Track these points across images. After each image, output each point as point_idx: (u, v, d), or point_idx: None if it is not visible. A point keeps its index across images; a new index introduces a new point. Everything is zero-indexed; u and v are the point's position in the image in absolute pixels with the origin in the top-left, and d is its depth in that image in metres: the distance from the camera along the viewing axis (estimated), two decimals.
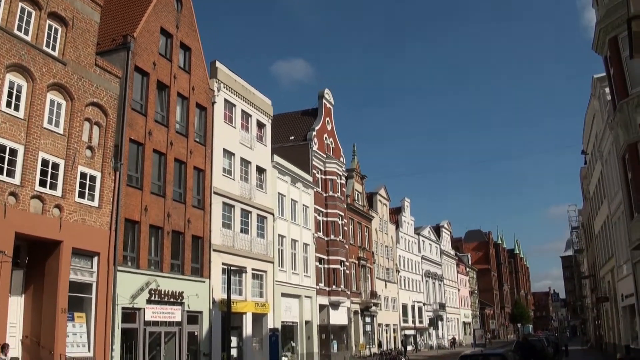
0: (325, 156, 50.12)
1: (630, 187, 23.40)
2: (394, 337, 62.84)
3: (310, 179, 46.39)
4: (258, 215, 37.45)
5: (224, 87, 35.16)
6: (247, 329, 34.61)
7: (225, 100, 35.46)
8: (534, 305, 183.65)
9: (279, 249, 40.08)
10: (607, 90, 27.72)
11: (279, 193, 41.00)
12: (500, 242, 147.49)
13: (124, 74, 26.09)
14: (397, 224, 71.11)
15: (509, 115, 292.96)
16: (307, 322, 43.48)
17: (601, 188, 38.03)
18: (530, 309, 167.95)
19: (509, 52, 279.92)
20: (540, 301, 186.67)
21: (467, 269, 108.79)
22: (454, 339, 77.44)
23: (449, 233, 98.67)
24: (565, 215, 62.70)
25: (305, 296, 43.65)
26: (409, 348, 59.49)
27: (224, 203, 33.58)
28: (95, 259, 23.35)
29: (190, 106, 31.50)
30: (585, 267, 65.20)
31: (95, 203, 23.67)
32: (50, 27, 22.43)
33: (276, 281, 38.75)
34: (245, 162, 36.90)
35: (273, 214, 39.31)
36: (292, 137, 49.25)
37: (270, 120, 41.12)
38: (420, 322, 74.07)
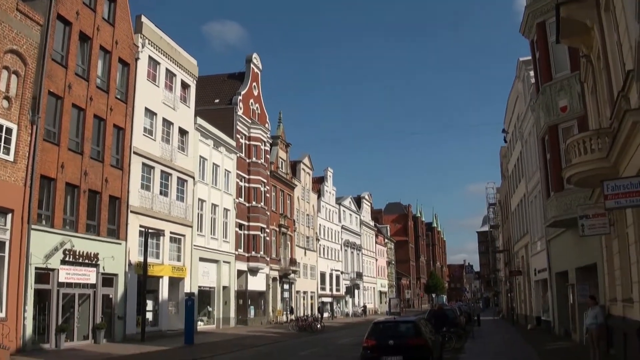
0: (250, 121, 50.29)
1: (549, 167, 25.16)
2: (311, 304, 64.66)
3: (233, 143, 46.57)
4: (178, 178, 37.46)
5: (149, 44, 34.63)
6: (164, 292, 34.92)
7: (150, 57, 34.96)
8: (448, 277, 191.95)
9: (198, 213, 40.32)
10: (532, 73, 29.34)
11: (200, 156, 41.04)
12: (419, 215, 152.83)
13: (45, 21, 25.26)
14: (319, 193, 72.47)
15: (434, 95, 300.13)
16: (224, 288, 44.17)
17: (520, 167, 40.37)
18: (445, 280, 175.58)
19: (436, 33, 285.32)
20: (455, 273, 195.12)
21: (386, 240, 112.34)
22: (364, 307, 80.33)
23: (369, 204, 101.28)
24: (484, 193, 65.74)
25: (224, 261, 44.25)
26: (325, 315, 61.39)
27: (143, 164, 33.40)
28: (9, 216, 22.91)
29: (113, 61, 30.92)
30: (500, 242, 68.91)
31: (10, 157, 23.14)
32: None
33: (194, 245, 39.09)
34: (167, 123, 36.67)
35: (194, 178, 39.40)
36: (217, 101, 49.10)
37: (195, 82, 40.85)
38: (338, 290, 76.40)
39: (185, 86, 39.55)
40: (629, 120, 11.04)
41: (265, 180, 51.90)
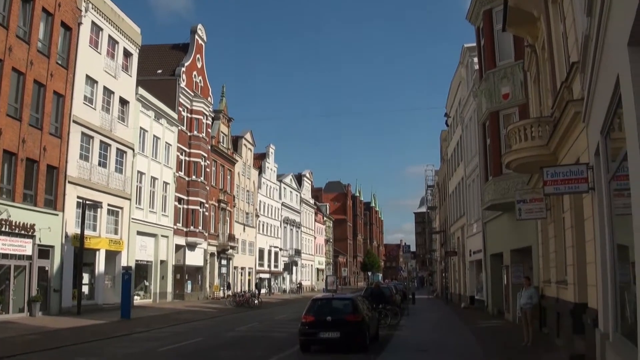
0: (192, 94, 49.52)
1: (488, 152, 25.92)
2: (249, 280, 64.76)
3: (175, 116, 45.82)
4: (118, 149, 36.65)
5: (92, 8, 33.46)
6: (100, 266, 34.32)
7: (93, 22, 33.82)
8: (385, 256, 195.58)
9: (137, 186, 39.64)
10: (476, 59, 30.01)
11: (141, 128, 40.23)
12: (358, 194, 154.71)
13: None
14: (260, 170, 72.21)
15: (380, 77, 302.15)
16: (162, 262, 43.75)
17: (459, 151, 41.35)
18: (382, 259, 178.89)
19: (384, 16, 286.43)
20: (392, 252, 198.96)
21: (325, 218, 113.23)
22: (300, 284, 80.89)
23: (310, 183, 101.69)
24: (423, 175, 67.11)
25: (162, 235, 43.76)
26: (263, 291, 61.65)
27: (82, 133, 32.48)
28: None
29: (55, 24, 29.78)
30: (437, 224, 70.62)
31: None
32: None
33: (132, 219, 38.47)
34: (108, 92, 35.71)
35: (133, 149, 38.62)
36: (159, 71, 48.04)
37: (137, 50, 39.81)
38: (276, 266, 76.76)
39: (127, 54, 38.52)
40: (571, 110, 11.52)
41: (206, 155, 51.36)
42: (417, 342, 18.43)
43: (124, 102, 37.77)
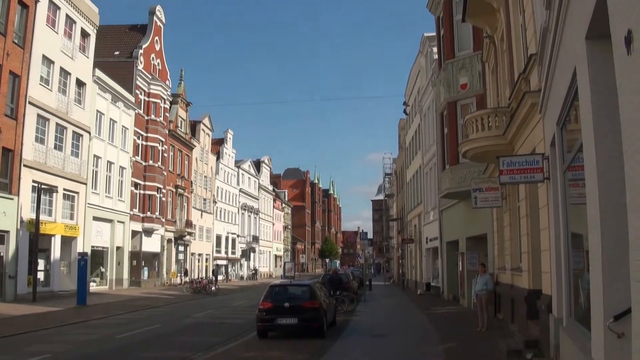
0: (150, 77, 48.73)
1: (445, 141, 26.25)
2: (206, 267, 64.39)
3: (132, 99, 45.04)
4: (74, 132, 35.87)
5: None
6: (56, 252, 33.67)
7: (50, 0, 32.88)
8: (342, 243, 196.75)
9: (93, 170, 38.92)
10: (435, 49, 30.26)
11: (97, 111, 39.43)
12: (316, 181, 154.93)
13: None
14: (218, 155, 71.66)
15: (341, 64, 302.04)
16: (118, 248, 43.15)
17: (417, 140, 41.77)
18: (339, 246, 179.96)
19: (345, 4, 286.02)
20: (349, 239, 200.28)
21: (283, 205, 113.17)
22: (255, 270, 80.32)
23: (268, 169, 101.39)
24: (381, 162, 67.47)
25: (118, 221, 43.13)
26: (220, 278, 61.39)
27: (38, 115, 31.66)
28: None
29: (12, 2, 28.88)
30: (394, 211, 71.28)
31: None
32: None
33: (88, 204, 37.79)
34: (64, 73, 34.86)
35: (90, 133, 37.86)
36: (116, 53, 47.06)
37: (95, 31, 38.92)
38: (233, 253, 76.48)
39: (85, 35, 37.62)
40: (528, 101, 11.73)
41: (163, 139, 50.67)
42: (374, 328, 18.66)
43: (80, 83, 36.95)
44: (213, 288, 41.27)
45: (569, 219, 8.63)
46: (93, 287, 37.70)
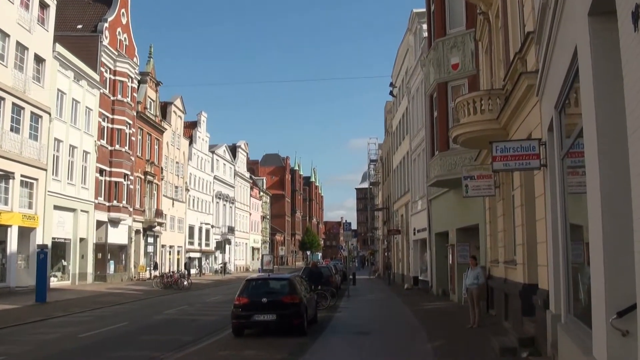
0: (116, 54, 48.14)
1: (435, 125, 26.31)
2: (178, 260, 64.18)
3: (97, 77, 44.51)
4: (32, 113, 35.42)
5: None
6: (12, 244, 33.27)
7: None
8: (324, 234, 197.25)
9: (54, 155, 38.53)
10: (425, 26, 30.22)
11: (58, 90, 38.95)
12: (297, 168, 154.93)
13: None
14: (191, 139, 71.23)
15: (322, 46, 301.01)
16: (81, 240, 42.81)
17: (404, 124, 41.83)
18: (321, 237, 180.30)
19: None
20: (332, 230, 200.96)
21: (261, 193, 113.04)
22: (225, 264, 78.96)
23: (245, 154, 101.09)
24: (366, 148, 67.43)
25: (82, 210, 42.75)
26: (193, 271, 61.25)
27: None
28: None
29: None
30: (380, 200, 71.52)
31: None
32: None
33: (48, 191, 37.42)
34: (21, 48, 34.31)
35: (50, 114, 37.40)
36: (79, 26, 46.34)
37: (55, 2, 38.31)
38: (207, 245, 76.29)
39: (44, 6, 37.06)
40: (524, 83, 11.76)
41: (131, 122, 50.21)
42: (358, 325, 18.75)
43: (39, 60, 36.44)
44: (185, 283, 41.14)
45: (567, 209, 8.67)
46: (54, 282, 37.32)
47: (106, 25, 46.55)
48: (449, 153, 24.17)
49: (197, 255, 72.30)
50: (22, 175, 34.15)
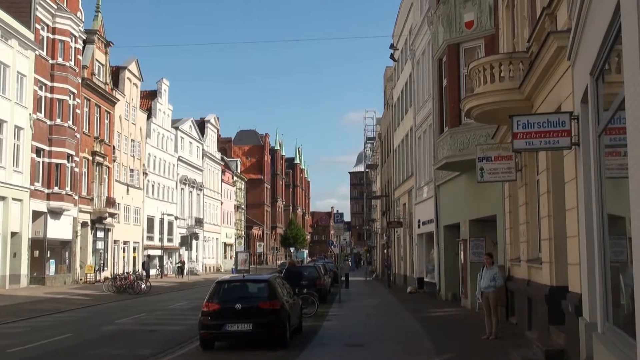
0: (55, 7, 47.68)
1: (444, 96, 26.26)
2: (134, 258, 64.11)
3: (31, 36, 44.08)
4: None
5: None
6: None
7: None
8: (312, 227, 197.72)
9: None
10: None
11: None
12: (278, 148, 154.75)
13: None
14: (150, 113, 70.91)
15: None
16: (13, 234, 42.64)
17: (408, 94, 41.76)
18: (308, 231, 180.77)
19: None
20: (321, 222, 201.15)
21: (235, 178, 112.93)
22: (182, 262, 77.99)
23: (215, 131, 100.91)
24: (362, 124, 67.08)
25: (14, 199, 42.52)
26: (152, 272, 61.19)
27: None
28: None
29: None
30: (378, 186, 71.70)
31: None
32: None
33: None
34: None
35: None
36: None
37: None
38: (170, 240, 76.14)
39: None
40: (554, 44, 11.69)
41: (75, 91, 49.88)
42: (351, 336, 18.77)
43: None
44: (143, 286, 41.13)
45: (604, 197, 8.63)
46: None
47: None
48: (461, 129, 24.15)
49: (158, 252, 72.15)
50: None
